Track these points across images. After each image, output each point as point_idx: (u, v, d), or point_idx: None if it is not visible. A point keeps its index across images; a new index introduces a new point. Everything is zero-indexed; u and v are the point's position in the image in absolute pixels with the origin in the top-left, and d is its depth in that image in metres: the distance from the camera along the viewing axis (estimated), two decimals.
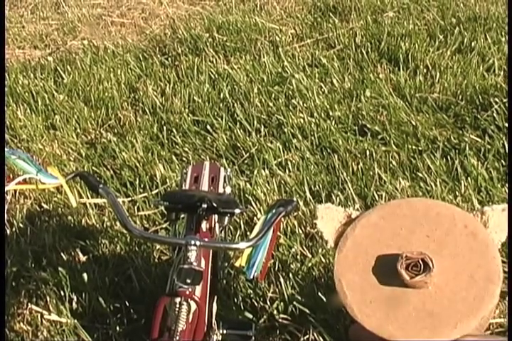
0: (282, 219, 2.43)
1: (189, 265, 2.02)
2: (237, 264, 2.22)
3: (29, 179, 2.17)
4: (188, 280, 2.01)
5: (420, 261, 2.15)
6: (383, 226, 2.21)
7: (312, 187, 3.56)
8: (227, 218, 2.40)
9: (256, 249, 2.17)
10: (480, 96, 4.24)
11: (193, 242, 2.05)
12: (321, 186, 3.54)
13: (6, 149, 2.18)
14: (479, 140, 3.85)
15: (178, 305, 2.07)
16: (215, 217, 2.46)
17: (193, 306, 2.10)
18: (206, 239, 2.34)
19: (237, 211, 2.39)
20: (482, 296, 2.10)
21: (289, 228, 3.23)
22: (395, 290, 2.15)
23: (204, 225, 2.39)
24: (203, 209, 2.30)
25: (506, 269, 2.80)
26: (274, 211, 2.18)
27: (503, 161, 3.66)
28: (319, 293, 2.82)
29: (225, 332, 2.34)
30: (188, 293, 2.06)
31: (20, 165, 2.17)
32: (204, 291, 2.23)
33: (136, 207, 3.51)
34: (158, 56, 5.23)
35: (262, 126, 4.14)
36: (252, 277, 2.22)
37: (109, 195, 2.14)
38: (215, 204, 2.31)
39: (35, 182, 2.14)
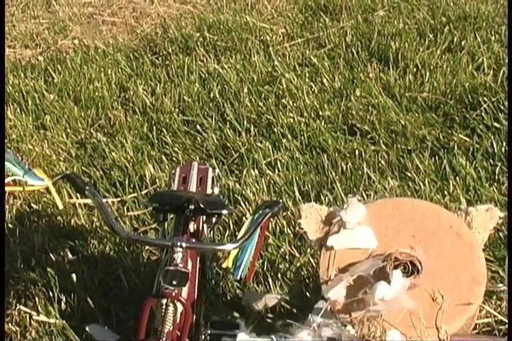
0: (270, 219, 2.44)
1: (175, 266, 2.04)
2: (224, 265, 2.24)
3: (18, 181, 2.18)
4: (174, 282, 2.03)
5: (408, 263, 2.17)
6: (369, 226, 2.22)
7: (301, 187, 3.57)
8: (214, 219, 2.41)
9: (242, 250, 2.18)
10: (469, 96, 4.26)
11: (178, 244, 2.06)
12: (310, 186, 3.55)
13: None
14: (468, 139, 3.86)
15: (164, 307, 2.08)
16: (203, 217, 2.46)
17: (180, 307, 2.11)
18: (193, 240, 2.35)
19: (224, 212, 2.40)
20: (467, 297, 2.12)
21: (277, 228, 3.24)
22: None
23: (192, 226, 2.40)
24: (190, 210, 2.32)
25: (493, 268, 2.83)
26: (260, 212, 2.19)
27: (491, 160, 3.68)
28: (307, 293, 2.83)
29: (213, 332, 2.35)
30: (174, 294, 2.07)
31: (6, 167, 2.17)
32: (191, 292, 2.24)
33: (125, 207, 3.52)
34: (149, 55, 5.23)
35: (252, 126, 4.14)
36: (238, 278, 2.24)
37: (95, 196, 2.15)
38: (202, 206, 2.32)
39: (22, 184, 2.15)
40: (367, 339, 2.10)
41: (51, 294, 2.93)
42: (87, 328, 2.70)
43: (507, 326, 2.56)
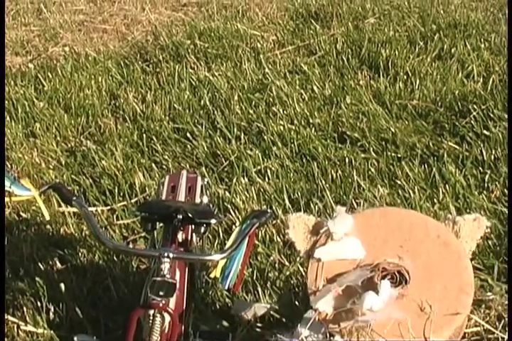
0: (258, 229, 2.44)
1: (162, 277, 2.03)
2: (212, 275, 2.23)
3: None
4: (161, 293, 2.02)
5: (396, 273, 2.17)
6: (357, 236, 2.22)
7: (291, 195, 3.57)
8: (203, 228, 2.41)
9: (230, 260, 2.18)
10: (459, 103, 4.27)
11: (166, 254, 2.06)
12: (300, 194, 3.55)
13: None
14: (457, 147, 3.87)
15: (151, 317, 2.07)
16: (192, 226, 2.46)
17: (167, 318, 2.10)
18: (182, 249, 2.35)
19: (213, 221, 2.40)
20: (455, 307, 2.12)
21: (267, 236, 3.23)
22: None
23: (180, 235, 2.39)
24: (178, 220, 2.31)
25: (482, 277, 2.83)
26: (248, 222, 2.19)
27: (480, 168, 3.68)
28: (296, 302, 2.82)
29: None
30: (161, 305, 2.07)
31: None
32: (179, 302, 2.24)
33: (115, 216, 3.51)
34: (140, 63, 5.23)
35: (242, 134, 4.14)
36: (227, 287, 2.24)
37: (82, 207, 2.15)
38: (190, 215, 2.32)
39: (8, 194, 2.14)
40: None
41: (39, 304, 2.92)
42: (75, 338, 2.69)
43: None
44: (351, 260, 2.20)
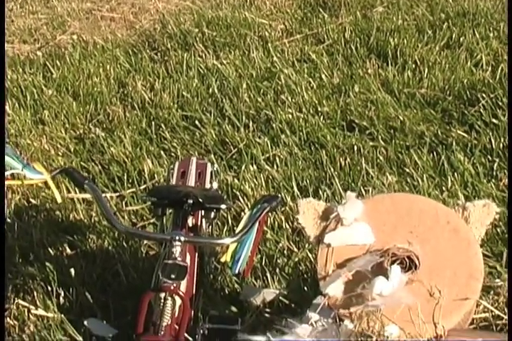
0: (268, 214, 2.45)
1: (173, 260, 2.05)
2: (222, 260, 2.25)
3: (16, 174, 2.19)
4: (173, 276, 2.04)
5: (406, 259, 2.18)
6: (367, 222, 2.22)
7: (300, 182, 3.58)
8: (213, 213, 2.42)
9: (241, 244, 2.19)
10: (468, 92, 4.26)
11: (177, 238, 2.08)
12: (308, 181, 3.56)
13: None
14: (466, 135, 3.87)
15: (162, 300, 2.09)
16: (202, 212, 2.47)
17: (178, 301, 2.12)
18: (192, 234, 2.36)
19: (223, 206, 2.42)
20: (464, 293, 2.13)
21: (276, 223, 3.24)
22: None
23: (190, 220, 2.41)
24: (188, 204, 2.33)
25: (490, 264, 2.84)
26: (258, 206, 2.20)
27: (489, 156, 3.68)
28: (305, 288, 2.84)
29: (210, 326, 2.35)
30: (172, 288, 2.08)
31: (5, 161, 2.17)
32: (189, 286, 2.25)
33: (124, 202, 3.53)
34: (148, 51, 5.23)
35: (251, 122, 4.15)
36: (236, 272, 2.25)
37: (94, 191, 2.16)
38: (201, 200, 2.33)
39: (20, 177, 2.15)
40: (365, 334, 2.11)
41: (49, 288, 2.94)
42: (85, 322, 2.72)
43: (507, 322, 2.57)
44: (361, 245, 2.21)
